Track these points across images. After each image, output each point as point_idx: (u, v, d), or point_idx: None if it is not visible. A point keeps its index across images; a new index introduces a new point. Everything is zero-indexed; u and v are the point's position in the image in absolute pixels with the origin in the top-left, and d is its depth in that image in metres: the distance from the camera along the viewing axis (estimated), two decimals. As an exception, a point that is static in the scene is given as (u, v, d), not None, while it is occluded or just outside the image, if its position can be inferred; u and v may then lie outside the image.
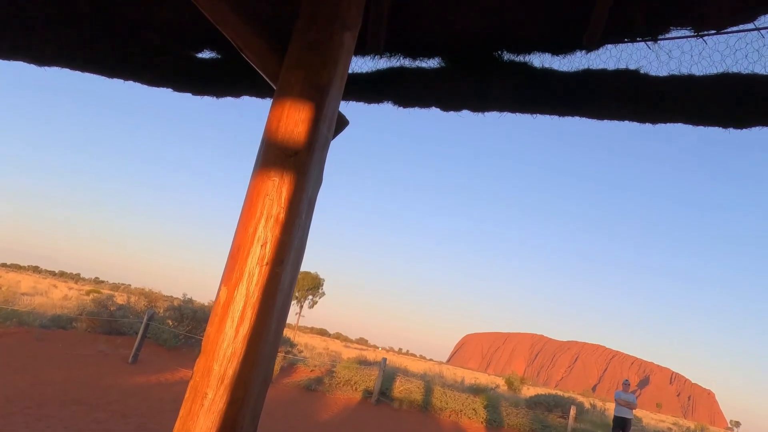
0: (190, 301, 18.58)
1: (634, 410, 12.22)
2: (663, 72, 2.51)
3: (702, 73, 2.42)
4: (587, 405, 18.68)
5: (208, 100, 3.48)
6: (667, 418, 49.51)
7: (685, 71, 2.44)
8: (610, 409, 20.35)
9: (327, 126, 2.12)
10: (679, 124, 2.60)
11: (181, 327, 15.31)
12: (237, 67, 3.17)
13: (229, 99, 3.50)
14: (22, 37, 3.24)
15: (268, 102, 2.71)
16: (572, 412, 13.36)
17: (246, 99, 3.45)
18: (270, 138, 2.01)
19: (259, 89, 3.37)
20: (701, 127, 2.53)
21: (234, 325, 1.78)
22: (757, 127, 2.39)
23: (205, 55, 3.23)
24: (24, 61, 3.34)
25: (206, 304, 18.75)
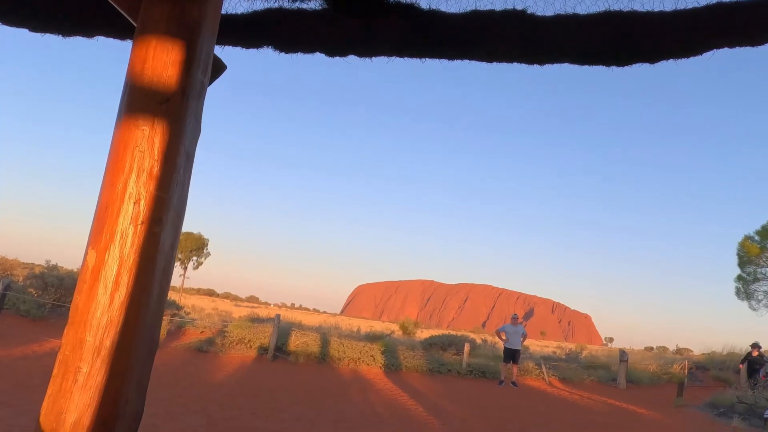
0: (55, 267, 16.82)
1: (524, 340, 12.79)
2: (549, 12, 2.52)
3: (586, 12, 2.46)
4: (479, 341, 20.09)
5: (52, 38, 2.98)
6: (551, 343, 55.31)
7: (570, 10, 2.47)
8: (501, 342, 22.14)
9: (202, 70, 1.92)
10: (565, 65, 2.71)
11: (47, 296, 13.82)
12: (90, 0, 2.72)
13: (80, 39, 3.03)
14: None
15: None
16: (466, 348, 14.45)
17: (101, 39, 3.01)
18: (135, 82, 1.77)
19: (118, 29, 2.94)
20: (586, 67, 2.66)
21: (108, 292, 1.61)
22: (637, 64, 2.57)
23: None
24: None
25: (75, 270, 17.11)
